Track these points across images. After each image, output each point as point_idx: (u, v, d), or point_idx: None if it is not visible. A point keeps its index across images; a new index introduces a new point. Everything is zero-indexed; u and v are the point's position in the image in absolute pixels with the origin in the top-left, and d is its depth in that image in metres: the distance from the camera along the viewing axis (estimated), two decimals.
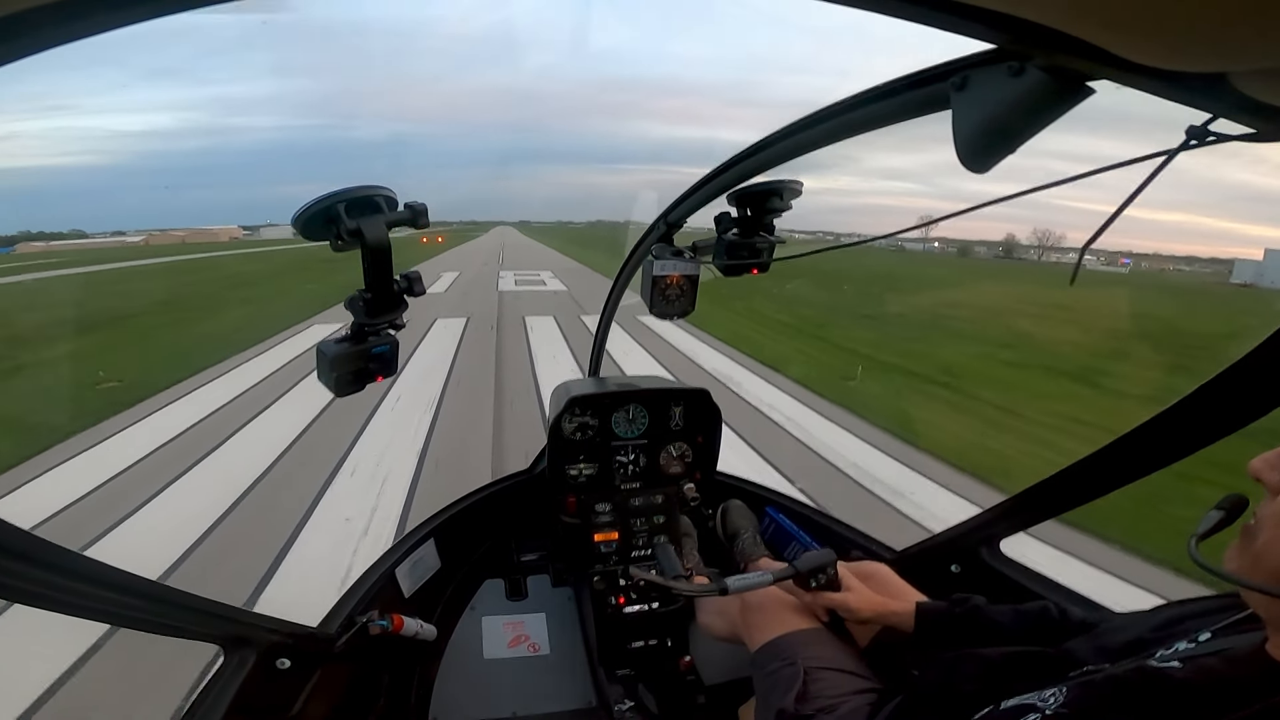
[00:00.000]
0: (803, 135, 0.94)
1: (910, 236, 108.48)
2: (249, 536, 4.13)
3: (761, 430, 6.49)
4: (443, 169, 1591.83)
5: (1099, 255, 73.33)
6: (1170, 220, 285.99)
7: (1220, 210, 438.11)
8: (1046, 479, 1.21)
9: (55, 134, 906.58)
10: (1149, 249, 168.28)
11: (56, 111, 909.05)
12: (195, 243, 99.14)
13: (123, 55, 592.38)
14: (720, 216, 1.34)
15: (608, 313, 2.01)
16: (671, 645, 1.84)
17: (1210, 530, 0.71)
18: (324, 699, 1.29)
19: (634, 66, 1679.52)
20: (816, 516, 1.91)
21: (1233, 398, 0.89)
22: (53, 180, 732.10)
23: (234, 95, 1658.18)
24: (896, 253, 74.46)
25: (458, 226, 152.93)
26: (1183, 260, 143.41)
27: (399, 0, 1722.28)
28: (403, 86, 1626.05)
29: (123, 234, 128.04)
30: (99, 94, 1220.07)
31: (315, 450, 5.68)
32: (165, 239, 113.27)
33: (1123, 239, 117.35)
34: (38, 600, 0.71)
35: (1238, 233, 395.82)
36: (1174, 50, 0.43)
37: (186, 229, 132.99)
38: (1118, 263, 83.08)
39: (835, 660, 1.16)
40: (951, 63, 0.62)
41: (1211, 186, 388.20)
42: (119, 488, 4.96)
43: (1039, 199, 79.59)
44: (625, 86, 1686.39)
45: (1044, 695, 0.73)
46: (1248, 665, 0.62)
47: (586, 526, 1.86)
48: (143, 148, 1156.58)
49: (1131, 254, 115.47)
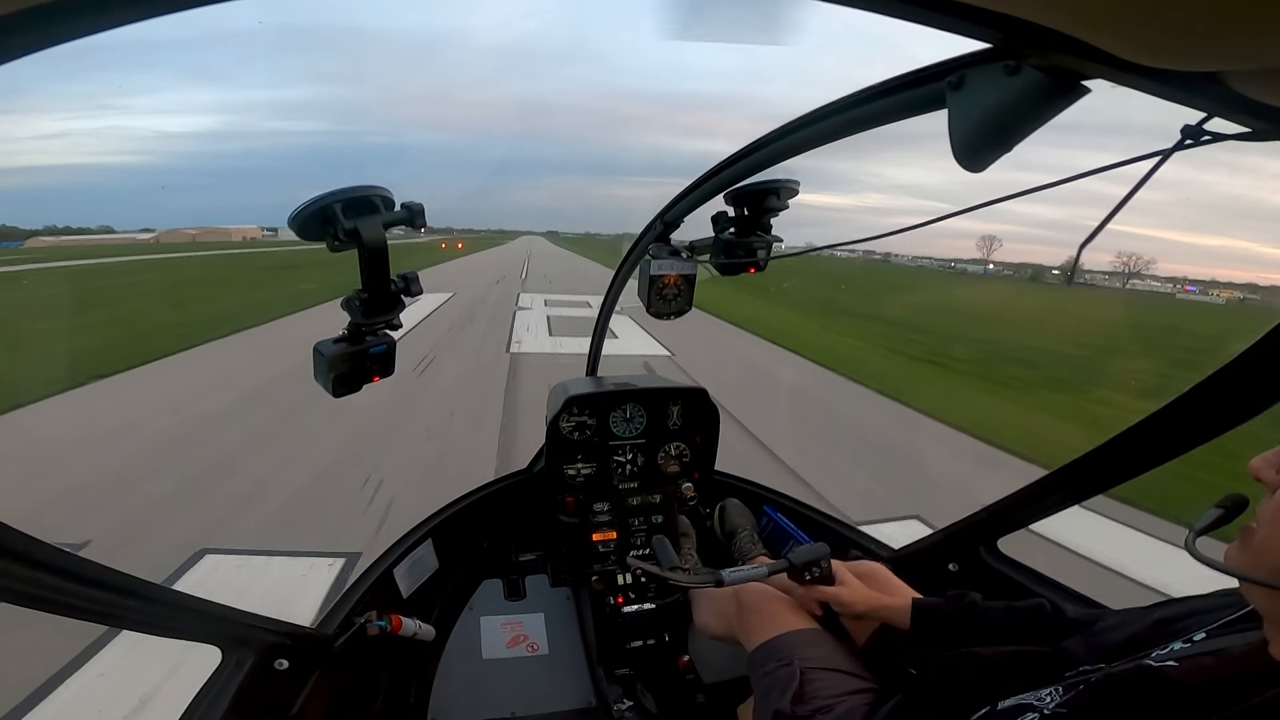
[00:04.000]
0: (799, 134, 0.94)
1: (967, 258, 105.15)
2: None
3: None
4: (470, 178, 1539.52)
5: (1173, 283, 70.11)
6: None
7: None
8: (1045, 477, 1.21)
9: (106, 133, 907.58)
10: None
11: (107, 111, 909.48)
12: (205, 241, 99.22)
13: (165, 58, 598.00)
14: (717, 216, 1.34)
15: (605, 313, 2.01)
16: (670, 645, 1.84)
17: (1209, 526, 0.72)
18: (322, 699, 1.29)
19: (663, 81, 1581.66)
20: (814, 515, 1.92)
21: (1232, 395, 0.89)
22: (99, 178, 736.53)
23: (275, 99, 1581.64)
24: (958, 275, 71.32)
25: (485, 234, 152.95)
26: (1242, 287, 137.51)
27: (435, 8, 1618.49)
28: (433, 93, 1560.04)
29: (151, 230, 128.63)
30: (145, 94, 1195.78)
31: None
32: (177, 237, 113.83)
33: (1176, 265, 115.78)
34: (36, 601, 0.71)
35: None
36: (1169, 49, 0.43)
37: (199, 228, 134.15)
38: (1183, 290, 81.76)
39: (832, 660, 1.16)
40: (947, 62, 0.62)
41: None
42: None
43: (1060, 220, 77.14)
44: (654, 98, 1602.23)
45: (1041, 695, 0.73)
46: (1244, 665, 0.62)
47: (585, 526, 1.86)
48: (186, 149, 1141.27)
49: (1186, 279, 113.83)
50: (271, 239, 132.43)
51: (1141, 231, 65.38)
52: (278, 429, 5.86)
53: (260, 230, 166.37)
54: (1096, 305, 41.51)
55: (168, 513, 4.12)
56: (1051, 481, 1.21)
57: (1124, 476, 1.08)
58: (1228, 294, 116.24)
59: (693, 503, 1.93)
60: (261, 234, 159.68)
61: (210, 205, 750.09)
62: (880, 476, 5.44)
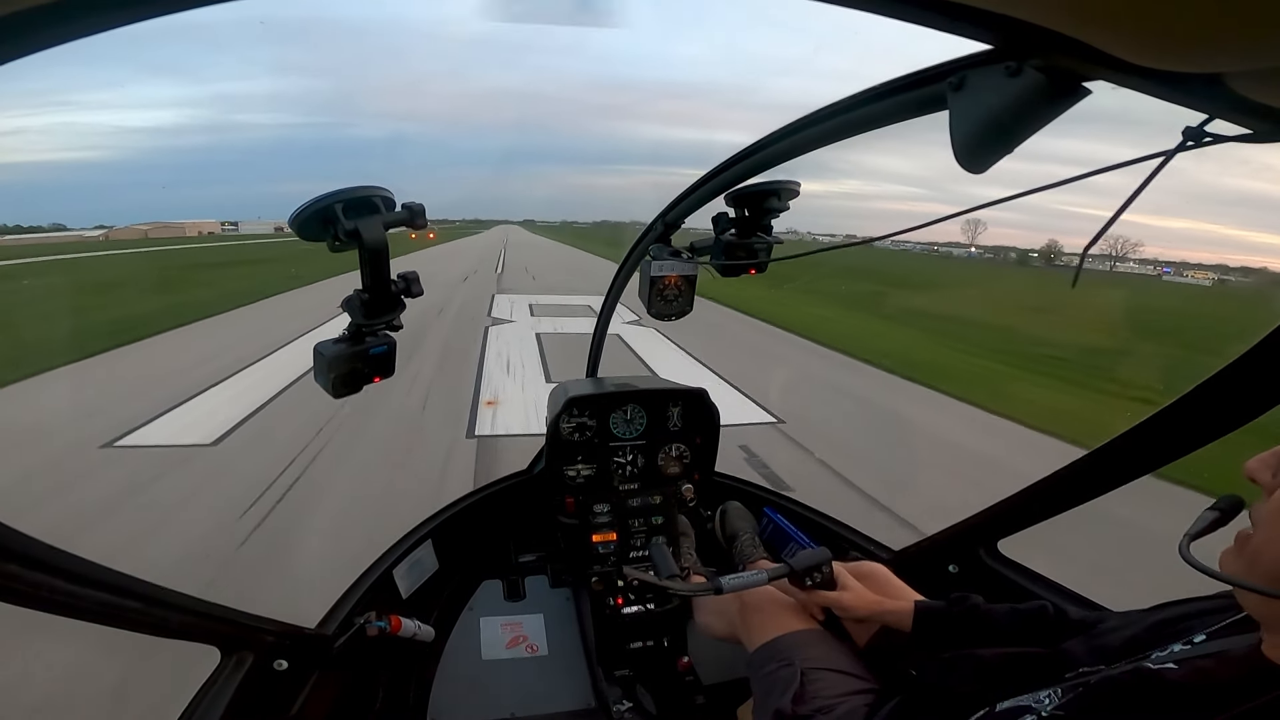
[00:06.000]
0: (800, 135, 0.94)
1: (947, 240, 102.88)
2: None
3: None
4: (443, 168, 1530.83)
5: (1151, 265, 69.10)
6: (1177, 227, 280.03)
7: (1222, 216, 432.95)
8: (1045, 478, 1.21)
9: (60, 129, 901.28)
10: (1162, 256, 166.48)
11: (62, 108, 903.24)
12: (157, 237, 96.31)
13: (126, 53, 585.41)
14: (718, 217, 1.34)
15: (605, 313, 2.01)
16: (670, 646, 1.84)
17: (1204, 530, 0.72)
18: (322, 700, 1.29)
19: (636, 67, 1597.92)
20: (814, 517, 1.91)
21: (1233, 395, 0.89)
22: (53, 175, 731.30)
23: (236, 92, 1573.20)
24: (942, 258, 70.97)
25: (460, 224, 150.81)
26: (1213, 268, 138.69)
27: (404, 1, 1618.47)
28: (404, 85, 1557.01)
29: (106, 227, 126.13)
30: (101, 90, 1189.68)
31: None
32: (129, 234, 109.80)
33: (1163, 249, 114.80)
34: (35, 602, 0.71)
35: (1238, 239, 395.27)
36: (1170, 51, 0.43)
37: (151, 223, 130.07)
38: (1159, 272, 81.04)
39: (832, 661, 1.16)
40: (949, 63, 0.62)
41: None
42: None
43: (1053, 206, 76.15)
44: (627, 87, 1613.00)
45: (1039, 696, 0.73)
46: (1242, 667, 0.62)
47: (585, 527, 1.86)
48: (146, 144, 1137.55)
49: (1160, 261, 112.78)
50: (232, 233, 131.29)
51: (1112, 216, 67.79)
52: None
53: (220, 225, 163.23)
54: (1131, 296, 38.04)
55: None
56: (1051, 483, 1.20)
57: (1124, 478, 1.08)
58: (1202, 275, 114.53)
59: (693, 504, 1.93)
60: (222, 228, 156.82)
61: (171, 201, 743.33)
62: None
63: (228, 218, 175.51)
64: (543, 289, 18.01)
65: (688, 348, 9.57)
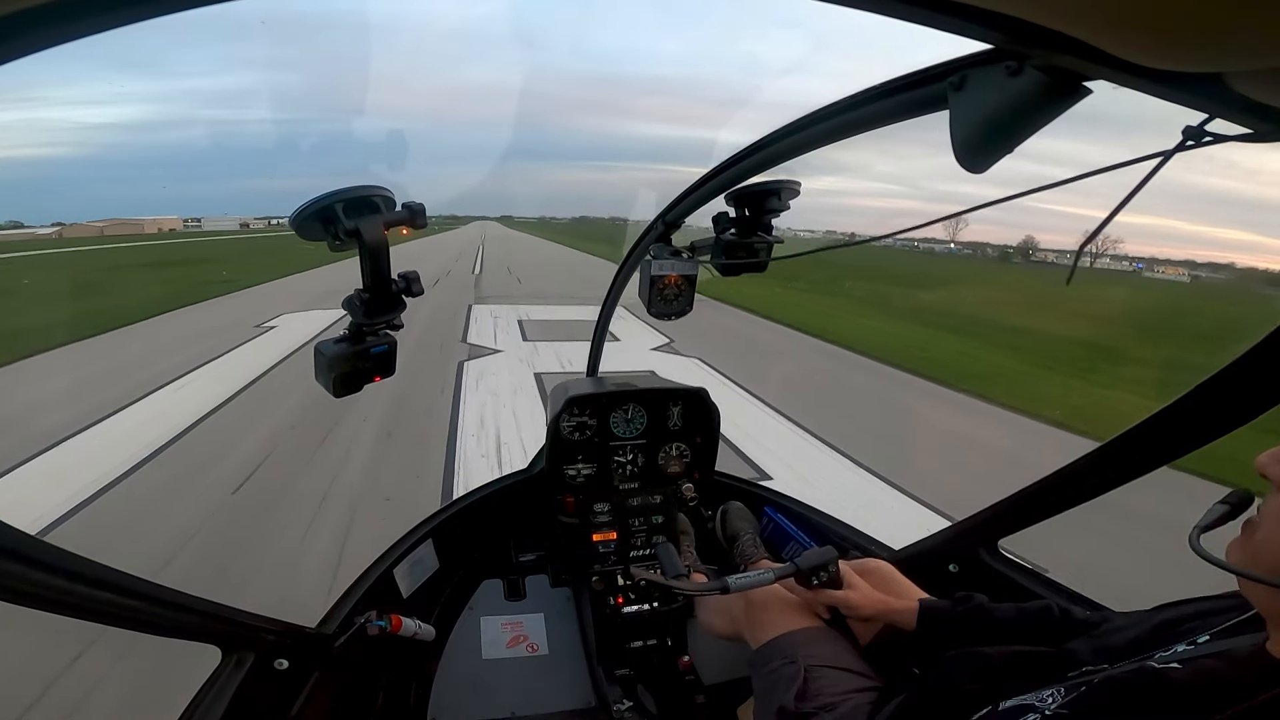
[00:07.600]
0: (801, 135, 0.94)
1: (927, 236, 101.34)
2: None
3: None
4: (420, 164, 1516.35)
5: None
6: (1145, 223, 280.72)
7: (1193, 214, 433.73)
8: (1045, 478, 1.21)
9: (22, 125, 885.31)
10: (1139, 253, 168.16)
11: (24, 104, 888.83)
12: (113, 235, 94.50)
13: (90, 49, 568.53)
14: (718, 216, 1.34)
15: (606, 313, 2.01)
16: (670, 645, 1.84)
17: (1214, 523, 0.72)
18: (322, 699, 1.29)
19: (618, 64, 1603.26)
20: (815, 516, 1.91)
21: (1234, 395, 0.89)
22: (13, 172, 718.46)
23: (208, 88, 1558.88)
24: (926, 255, 71.26)
25: (434, 220, 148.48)
26: (1181, 264, 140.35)
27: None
28: (374, 80, 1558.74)
29: (61, 224, 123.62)
30: (67, 86, 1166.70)
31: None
32: (84, 231, 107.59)
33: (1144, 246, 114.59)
34: (36, 601, 0.71)
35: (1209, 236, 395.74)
36: (1170, 50, 0.43)
37: (108, 220, 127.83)
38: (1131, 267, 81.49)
39: (836, 658, 1.16)
40: (949, 63, 0.62)
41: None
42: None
43: (1027, 203, 78.41)
44: (609, 83, 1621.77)
45: (1043, 695, 0.73)
46: (1247, 666, 0.62)
47: (585, 526, 1.86)
48: (111, 140, 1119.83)
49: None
50: (195, 229, 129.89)
51: (1086, 213, 67.66)
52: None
53: (183, 221, 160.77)
54: (1139, 295, 37.12)
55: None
56: (1052, 483, 1.20)
57: (1125, 478, 1.08)
58: (1173, 271, 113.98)
59: (693, 503, 1.93)
60: (184, 225, 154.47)
61: (134, 197, 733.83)
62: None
63: (202, 214, 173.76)
64: (531, 295, 15.09)
65: (758, 391, 7.18)
